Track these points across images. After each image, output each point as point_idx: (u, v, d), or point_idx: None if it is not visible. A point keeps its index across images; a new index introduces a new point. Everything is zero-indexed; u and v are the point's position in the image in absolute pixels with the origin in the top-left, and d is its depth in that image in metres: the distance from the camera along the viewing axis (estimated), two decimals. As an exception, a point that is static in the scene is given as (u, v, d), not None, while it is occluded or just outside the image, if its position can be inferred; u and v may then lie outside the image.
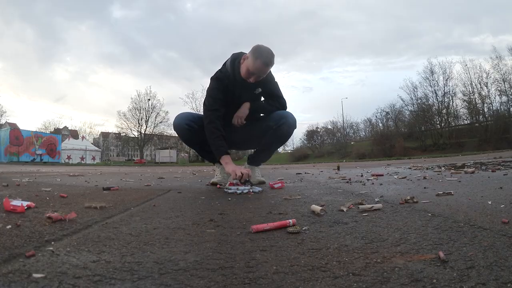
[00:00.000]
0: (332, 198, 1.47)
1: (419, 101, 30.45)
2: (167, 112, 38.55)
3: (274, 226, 0.86)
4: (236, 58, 2.05)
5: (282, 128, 2.15)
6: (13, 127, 24.06)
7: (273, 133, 2.16)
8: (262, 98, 2.28)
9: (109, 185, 2.12)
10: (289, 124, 2.16)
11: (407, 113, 32.12)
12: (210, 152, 2.12)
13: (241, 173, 1.81)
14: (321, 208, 1.08)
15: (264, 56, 1.90)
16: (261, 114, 2.31)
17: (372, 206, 1.12)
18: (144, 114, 38.18)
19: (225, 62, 2.13)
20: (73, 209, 1.12)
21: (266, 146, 2.29)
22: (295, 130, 2.24)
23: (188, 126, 2.19)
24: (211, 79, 2.13)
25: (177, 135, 2.57)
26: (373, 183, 2.15)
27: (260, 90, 2.17)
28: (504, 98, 25.93)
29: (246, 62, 1.97)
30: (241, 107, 2.18)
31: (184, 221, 1.00)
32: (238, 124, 2.19)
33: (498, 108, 26.54)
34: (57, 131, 40.19)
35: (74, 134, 40.74)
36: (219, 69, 2.15)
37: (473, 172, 2.66)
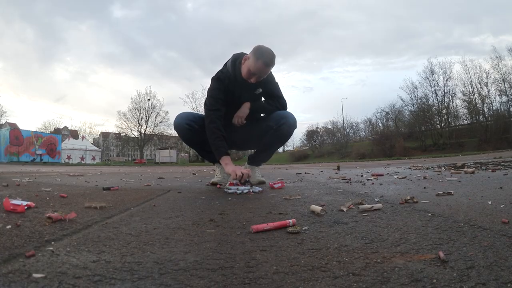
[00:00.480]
0: (332, 198, 1.47)
1: (419, 101, 30.46)
2: (167, 112, 38.59)
3: (274, 226, 0.86)
4: (237, 59, 2.06)
5: (283, 128, 2.15)
6: (13, 127, 24.05)
7: (274, 133, 2.17)
8: (263, 98, 2.28)
9: (109, 185, 2.12)
10: (290, 124, 2.17)
11: (407, 113, 32.16)
12: (210, 152, 2.12)
13: (241, 173, 1.82)
14: (321, 208, 1.08)
15: (265, 57, 1.91)
16: (262, 114, 2.31)
17: (372, 206, 1.12)
18: (144, 114, 38.19)
19: (226, 63, 2.14)
20: (73, 209, 1.12)
21: (267, 146, 2.29)
22: (295, 130, 2.25)
23: (189, 126, 2.20)
24: (212, 79, 2.13)
25: (177, 135, 2.58)
26: (373, 183, 2.15)
27: (260, 90, 2.17)
28: (504, 98, 25.96)
29: (247, 62, 1.97)
30: (241, 107, 2.18)
31: (184, 221, 1.00)
32: (239, 124, 2.20)
33: (498, 108, 26.57)
34: (57, 131, 40.18)
35: (74, 134, 40.74)
36: (220, 70, 2.15)
37: (473, 172, 2.66)
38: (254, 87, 2.12)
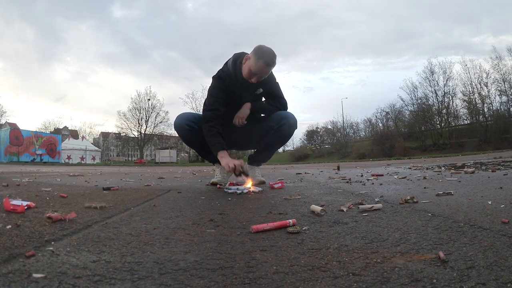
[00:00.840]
0: (332, 198, 1.47)
1: (419, 101, 30.49)
2: (167, 112, 38.63)
3: (274, 226, 0.86)
4: (238, 58, 2.05)
5: (283, 129, 2.15)
6: (13, 127, 24.05)
7: (274, 133, 2.17)
8: (263, 98, 2.28)
9: (109, 185, 2.12)
10: (290, 125, 2.17)
11: (407, 113, 32.18)
12: (210, 152, 2.12)
13: (234, 164, 1.80)
14: (321, 208, 1.08)
15: (266, 57, 1.90)
16: (262, 115, 2.31)
17: (372, 206, 1.12)
18: (144, 114, 38.21)
19: (227, 62, 2.13)
20: (73, 209, 1.12)
21: (267, 146, 2.30)
22: (295, 130, 2.26)
23: (189, 127, 2.20)
24: (213, 78, 2.13)
25: (177, 135, 2.59)
26: (373, 183, 2.15)
27: (261, 90, 2.17)
28: (504, 98, 25.99)
29: (248, 62, 1.97)
30: (242, 107, 2.18)
31: (184, 221, 1.00)
32: (239, 124, 2.20)
33: (498, 108, 26.59)
34: (57, 131, 40.18)
35: (74, 134, 40.74)
36: (221, 69, 2.15)
37: (473, 172, 2.66)
38: (255, 87, 2.12)
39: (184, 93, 72.48)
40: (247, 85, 2.06)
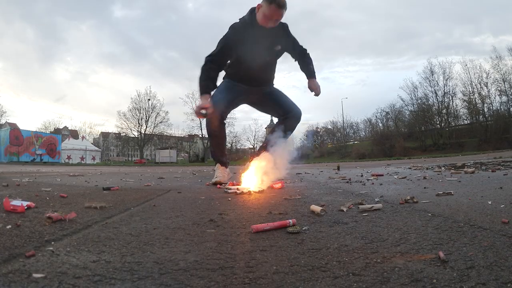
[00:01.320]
0: (332, 198, 1.47)
1: (419, 101, 30.50)
2: (167, 112, 38.69)
3: (274, 226, 0.86)
4: (254, 10, 2.17)
5: (286, 121, 2.42)
6: (13, 127, 24.05)
7: (278, 124, 2.35)
8: (292, 59, 2.50)
9: (109, 185, 2.12)
10: (296, 118, 2.39)
11: (407, 113, 32.17)
12: (219, 152, 2.32)
13: (197, 107, 2.03)
14: (321, 208, 1.08)
15: (277, 0, 2.01)
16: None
17: (372, 206, 1.12)
18: (144, 114, 38.22)
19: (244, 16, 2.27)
20: (73, 209, 1.12)
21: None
22: (295, 131, 2.38)
23: (222, 118, 2.30)
24: (229, 27, 2.26)
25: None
26: (373, 183, 2.15)
27: (279, 47, 2.29)
28: (504, 98, 26.00)
29: (261, 9, 2.08)
30: (313, 81, 2.43)
31: (184, 221, 1.00)
32: (316, 93, 2.42)
33: (498, 108, 26.61)
34: (57, 131, 40.16)
35: (74, 134, 40.73)
36: (239, 18, 2.28)
37: (473, 172, 2.66)
38: (273, 43, 2.23)
39: (184, 93, 72.42)
40: (264, 37, 2.16)
